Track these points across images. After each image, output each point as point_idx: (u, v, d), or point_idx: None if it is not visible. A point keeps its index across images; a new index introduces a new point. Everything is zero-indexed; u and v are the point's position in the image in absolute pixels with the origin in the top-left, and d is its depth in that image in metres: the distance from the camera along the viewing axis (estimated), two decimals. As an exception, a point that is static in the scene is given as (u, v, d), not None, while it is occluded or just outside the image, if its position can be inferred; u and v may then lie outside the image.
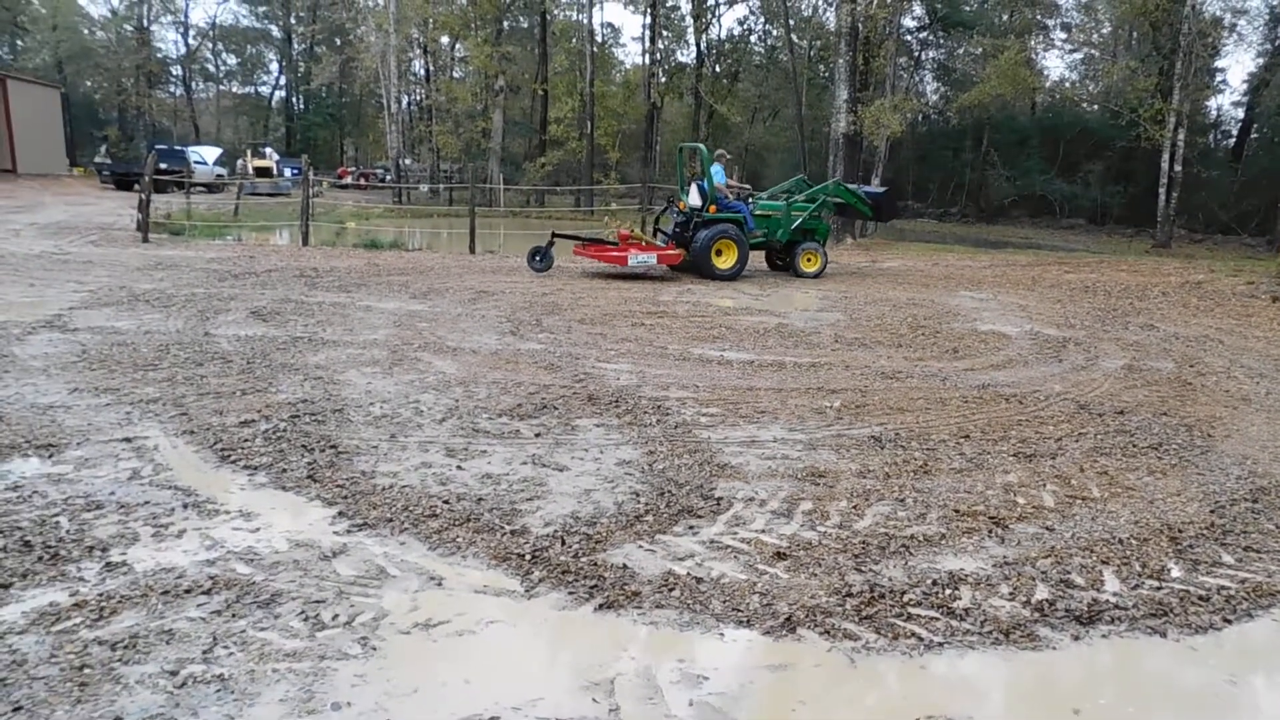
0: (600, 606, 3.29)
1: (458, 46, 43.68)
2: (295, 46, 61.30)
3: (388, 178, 40.85)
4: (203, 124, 60.65)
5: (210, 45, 61.72)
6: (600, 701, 2.71)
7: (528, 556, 3.64)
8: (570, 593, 3.38)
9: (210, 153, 39.38)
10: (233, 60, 64.69)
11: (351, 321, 8.68)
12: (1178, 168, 27.24)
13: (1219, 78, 38.60)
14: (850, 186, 16.40)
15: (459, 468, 4.66)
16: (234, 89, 66.23)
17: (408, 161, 41.93)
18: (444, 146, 38.76)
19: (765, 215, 14.44)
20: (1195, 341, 9.57)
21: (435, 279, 12.20)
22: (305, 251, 15.76)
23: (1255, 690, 3.02)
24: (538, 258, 13.63)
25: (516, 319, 9.18)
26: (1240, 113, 37.75)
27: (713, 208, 13.61)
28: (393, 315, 9.13)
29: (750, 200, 14.56)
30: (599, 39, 44.84)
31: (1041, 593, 3.51)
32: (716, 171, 13.78)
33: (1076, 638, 3.22)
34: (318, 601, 3.20)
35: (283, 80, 63.65)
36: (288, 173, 38.37)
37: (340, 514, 3.99)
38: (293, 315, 8.85)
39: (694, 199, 13.80)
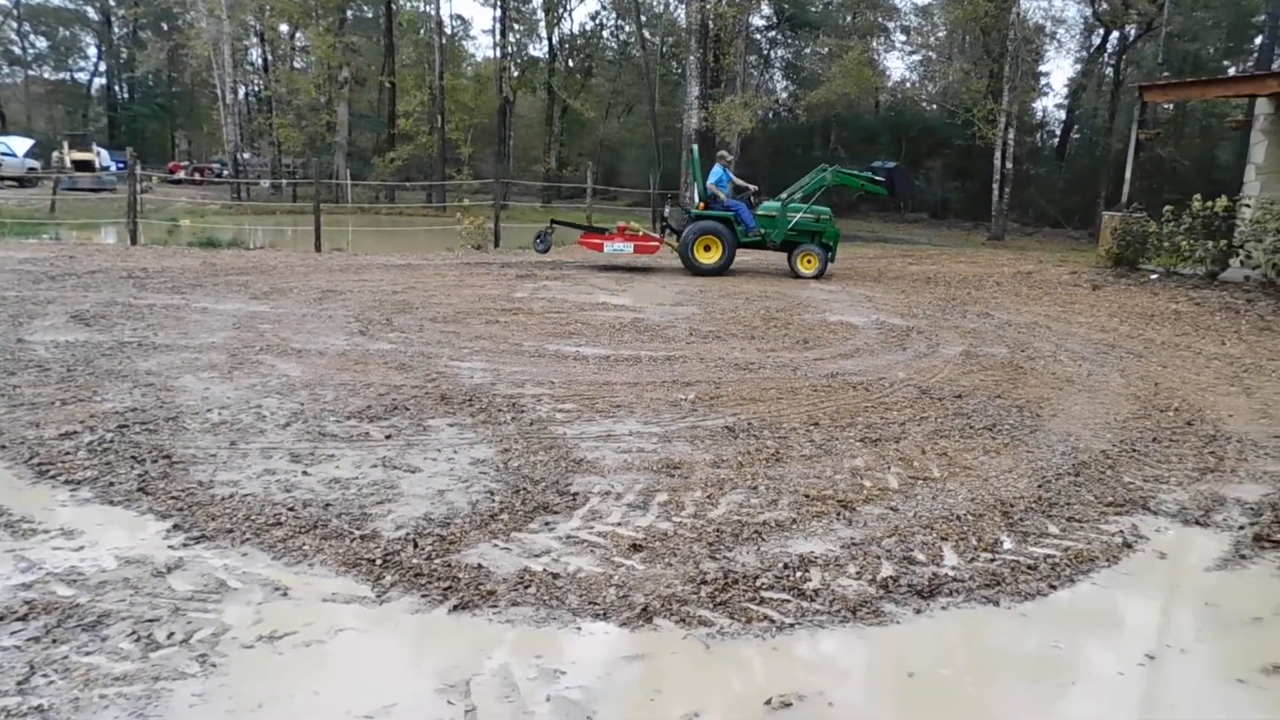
0: (455, 608, 3.25)
1: (298, 35, 41.94)
2: (116, 30, 57.19)
3: (225, 172, 38.82)
4: (10, 112, 55.81)
5: (15, 25, 56.70)
6: (456, 703, 2.67)
7: (379, 561, 3.55)
8: (424, 595, 3.32)
9: (20, 144, 36.23)
10: (43, 43, 59.64)
11: (187, 324, 8.22)
12: (1009, 165, 29.18)
13: (1043, 81, 41.58)
14: (849, 170, 15.87)
15: (305, 473, 4.50)
16: (45, 74, 61.08)
17: (247, 156, 39.98)
18: (286, 140, 37.13)
19: (767, 215, 14.58)
20: (1026, 328, 10.25)
21: (279, 278, 11.70)
22: (134, 251, 14.79)
23: (1078, 650, 3.26)
24: (539, 240, 14.82)
25: (366, 318, 8.92)
26: (1063, 114, 40.65)
27: (702, 204, 14.43)
28: (232, 317, 8.70)
29: (753, 200, 14.89)
30: (448, 31, 43.99)
31: (886, 570, 3.69)
32: (716, 171, 14.52)
33: (919, 611, 3.40)
34: (150, 620, 3.03)
35: (102, 67, 59.30)
36: (112, 166, 35.81)
37: (175, 527, 3.78)
38: (120, 319, 8.30)
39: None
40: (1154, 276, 14.38)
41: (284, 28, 40.67)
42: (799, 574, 3.61)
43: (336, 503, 4.13)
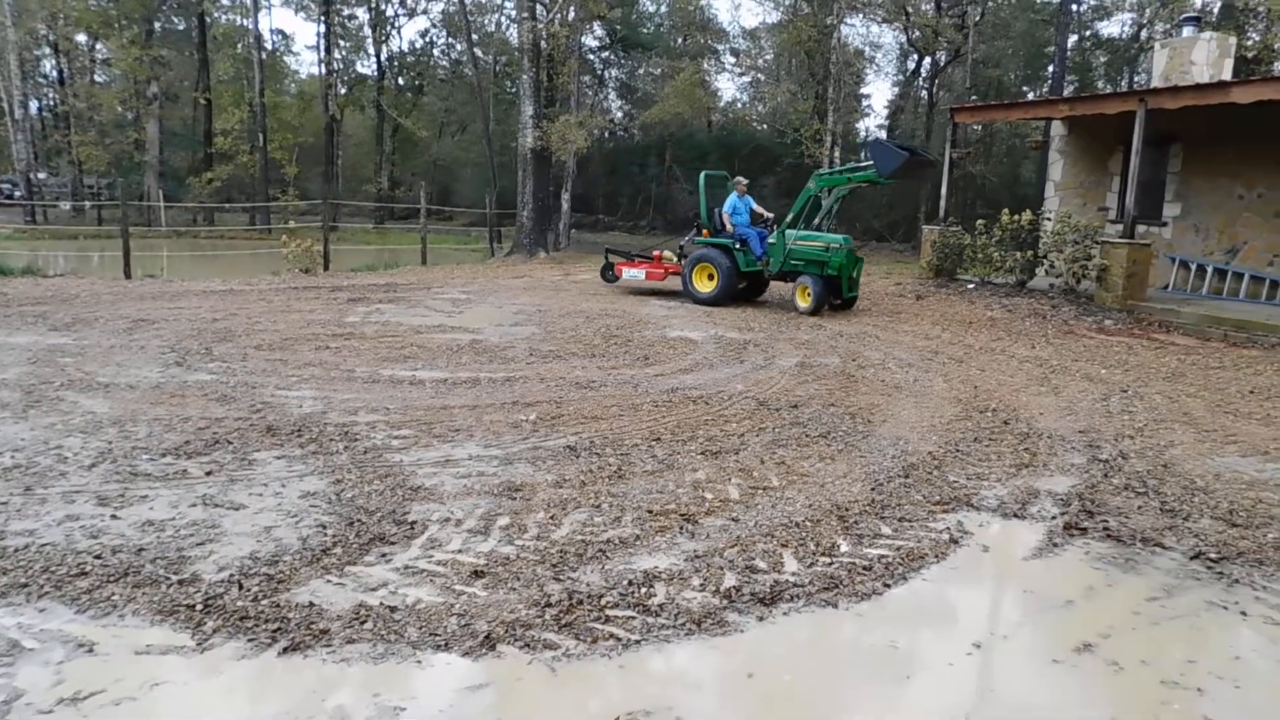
0: (285, 650, 3.06)
1: (99, 46, 39.11)
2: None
3: (16, 194, 35.66)
4: None
5: None
6: (287, 755, 2.50)
7: (199, 606, 3.31)
8: (250, 640, 3.11)
9: None
10: None
11: (-27, 359, 7.46)
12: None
13: (865, 103, 43.77)
14: (829, 171, 14.07)
15: (114, 517, 4.14)
16: None
17: (42, 175, 36.88)
18: (88, 159, 34.44)
19: (773, 244, 13.31)
20: (856, 338, 10.72)
21: (82, 308, 10.81)
22: (-90, 280, 13.35)
23: (913, 645, 3.39)
24: (608, 273, 15.19)
25: (183, 348, 8.36)
26: (884, 134, 42.93)
27: (705, 231, 13.74)
28: (27, 351, 7.95)
29: (771, 228, 13.64)
30: (269, 46, 42.19)
31: (729, 580, 3.73)
32: (730, 200, 13.72)
33: (761, 619, 3.45)
34: (-74, 694, 2.69)
35: None
36: None
37: (-42, 586, 3.39)
38: (-108, 356, 7.44)
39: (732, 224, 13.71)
40: (971, 286, 15.35)
41: (81, 38, 37.84)
42: (644, 590, 3.60)
43: (151, 547, 3.82)
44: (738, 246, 13.38)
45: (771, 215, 14.26)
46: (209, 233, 31.55)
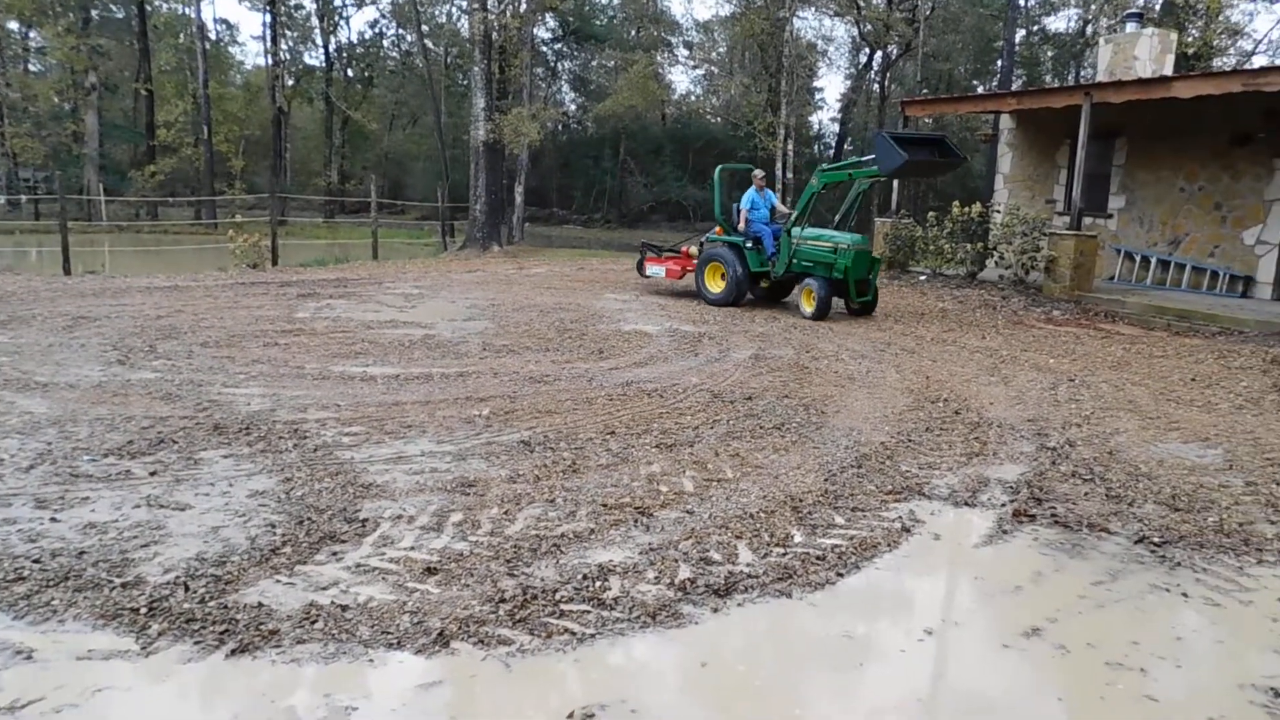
0: (233, 652, 3.00)
1: (32, 34, 37.94)
2: None
3: (-52, 188, 34.53)
4: None
5: None
6: (234, 759, 2.45)
7: (143, 610, 3.23)
8: (197, 642, 3.04)
9: None
10: None
11: (-97, 359, 7.21)
12: (789, 175, 30.80)
13: (818, 96, 44.05)
14: (832, 166, 12.75)
15: (53, 520, 4.03)
16: None
17: (-26, 169, 35.78)
18: (22, 152, 33.42)
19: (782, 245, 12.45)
20: (810, 329, 10.79)
21: (18, 305, 10.50)
22: None
23: (865, 633, 3.42)
24: (643, 267, 14.58)
25: (126, 346, 8.15)
26: (837, 127, 43.22)
27: (719, 229, 13.08)
28: (-38, 349, 7.71)
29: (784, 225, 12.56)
30: (212, 36, 41.27)
31: (684, 573, 3.73)
32: (748, 195, 12.73)
33: (716, 610, 3.46)
34: None
35: None
36: None
37: (-113, 594, 3.27)
38: None
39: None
40: (923, 278, 15.56)
41: (14, 25, 36.67)
42: (598, 584, 3.59)
43: (92, 550, 3.72)
44: (749, 245, 12.56)
45: (793, 212, 13.04)
46: (152, 227, 30.86)
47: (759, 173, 13.07)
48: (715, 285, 12.82)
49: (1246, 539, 4.36)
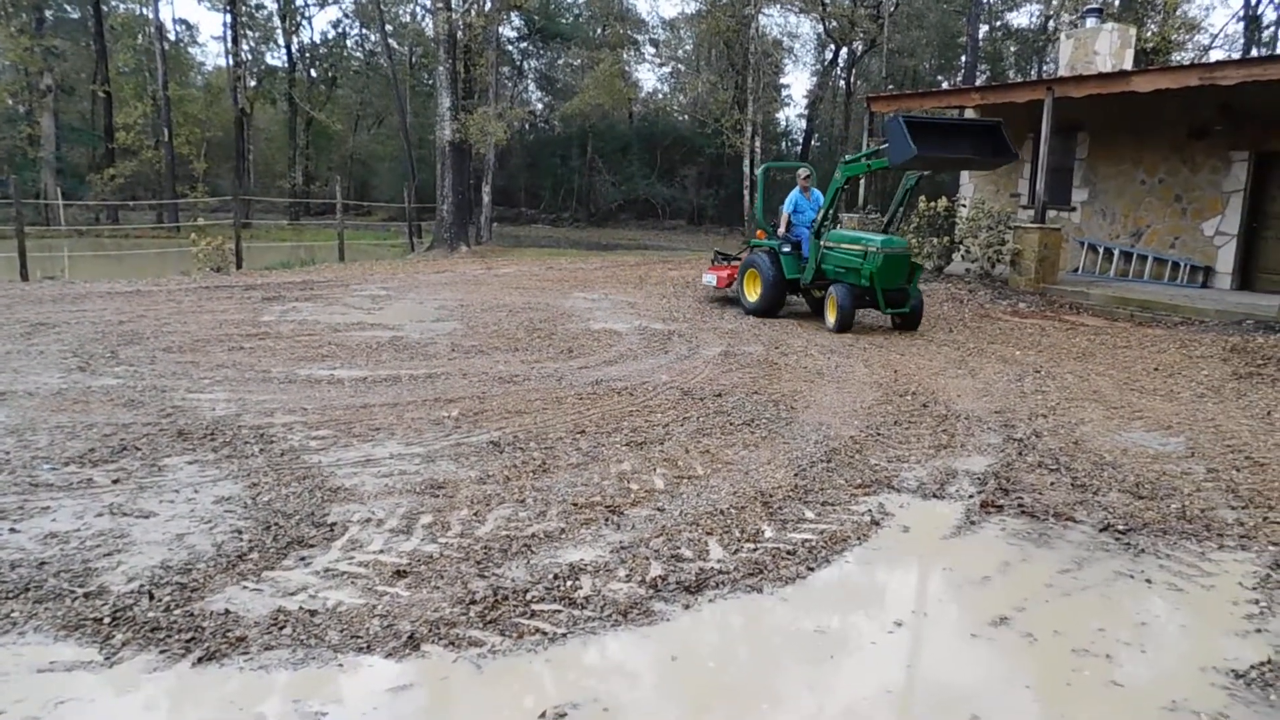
0: (200, 660, 2.96)
1: (-15, 36, 37.18)
2: None
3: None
4: None
5: None
6: (202, 769, 2.41)
7: (107, 619, 3.18)
8: (163, 651, 3.00)
9: None
10: None
11: None
12: (757, 172, 30.85)
13: (784, 92, 44.36)
14: (851, 158, 11.33)
15: (12, 530, 3.95)
16: None
17: (-72, 174, 34.95)
18: (-25, 156, 32.76)
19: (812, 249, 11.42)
20: (779, 326, 10.83)
21: (-24, 311, 10.29)
22: None
23: (836, 625, 3.44)
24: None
25: (86, 352, 8.01)
26: (804, 124, 43.42)
27: (760, 233, 12.29)
28: (-84, 357, 7.54)
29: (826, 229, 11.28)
30: (171, 37, 40.64)
31: (655, 570, 3.73)
32: (791, 196, 11.79)
33: (687, 606, 3.46)
34: None
35: None
36: None
37: None
38: None
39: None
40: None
41: (-35, 27, 35.91)
42: (570, 583, 3.58)
43: (54, 560, 3.66)
44: (786, 250, 11.50)
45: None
46: (113, 232, 30.34)
47: (803, 171, 12.10)
48: (753, 294, 11.76)
49: (1208, 525, 4.44)
